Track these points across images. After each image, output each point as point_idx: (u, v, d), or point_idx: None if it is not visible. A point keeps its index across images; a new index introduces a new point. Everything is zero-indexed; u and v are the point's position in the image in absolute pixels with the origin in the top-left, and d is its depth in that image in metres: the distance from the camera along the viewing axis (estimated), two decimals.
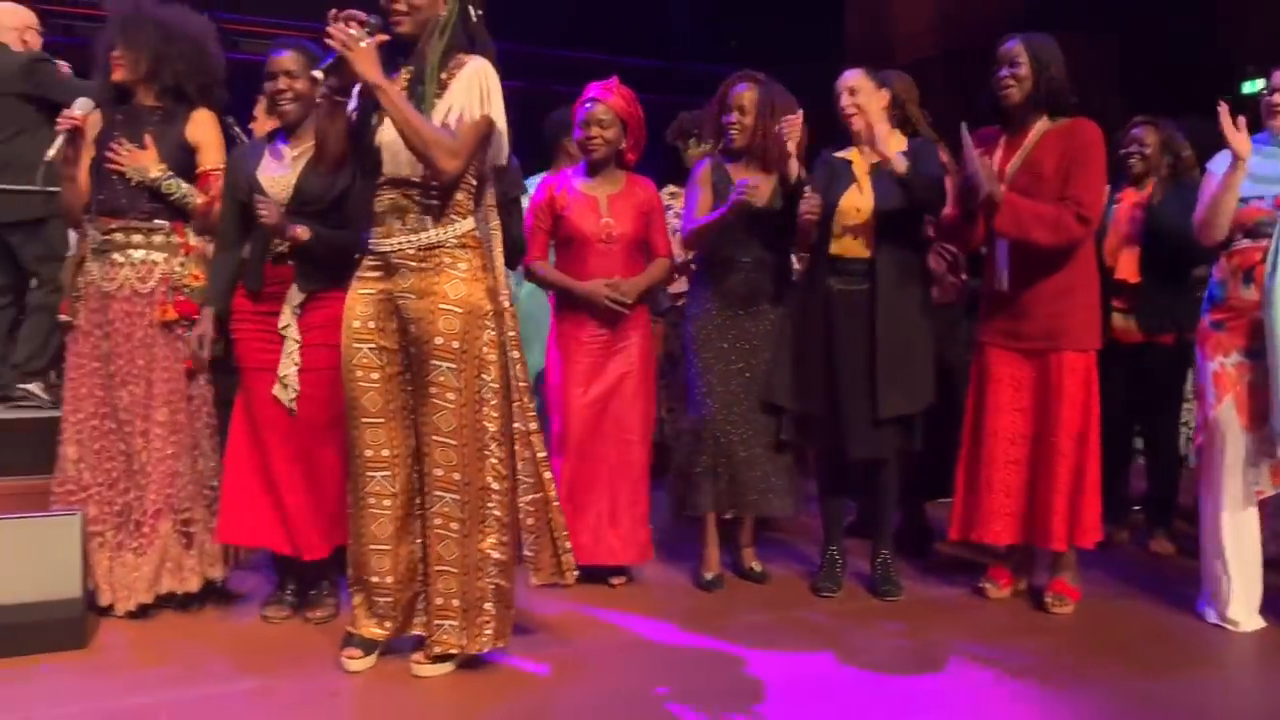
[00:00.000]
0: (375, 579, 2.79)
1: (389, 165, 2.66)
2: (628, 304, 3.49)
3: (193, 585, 3.22)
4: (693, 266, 3.81)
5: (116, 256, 3.14)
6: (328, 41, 2.50)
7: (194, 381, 3.20)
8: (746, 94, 3.51)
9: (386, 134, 2.63)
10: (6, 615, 2.89)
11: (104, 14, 3.30)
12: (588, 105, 3.51)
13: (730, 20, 9.46)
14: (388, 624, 2.82)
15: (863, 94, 3.41)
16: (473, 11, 2.70)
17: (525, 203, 3.69)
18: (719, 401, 3.52)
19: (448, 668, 2.77)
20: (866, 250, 3.42)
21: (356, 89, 2.68)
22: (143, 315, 3.13)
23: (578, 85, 3.63)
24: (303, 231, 3.01)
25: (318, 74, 2.54)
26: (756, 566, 3.73)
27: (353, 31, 2.50)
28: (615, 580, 3.60)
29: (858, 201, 3.41)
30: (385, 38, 2.58)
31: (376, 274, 2.72)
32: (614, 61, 4.77)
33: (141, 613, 3.16)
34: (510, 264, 3.18)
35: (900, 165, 3.29)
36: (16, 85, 4.16)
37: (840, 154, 3.52)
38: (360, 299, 2.74)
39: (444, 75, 2.65)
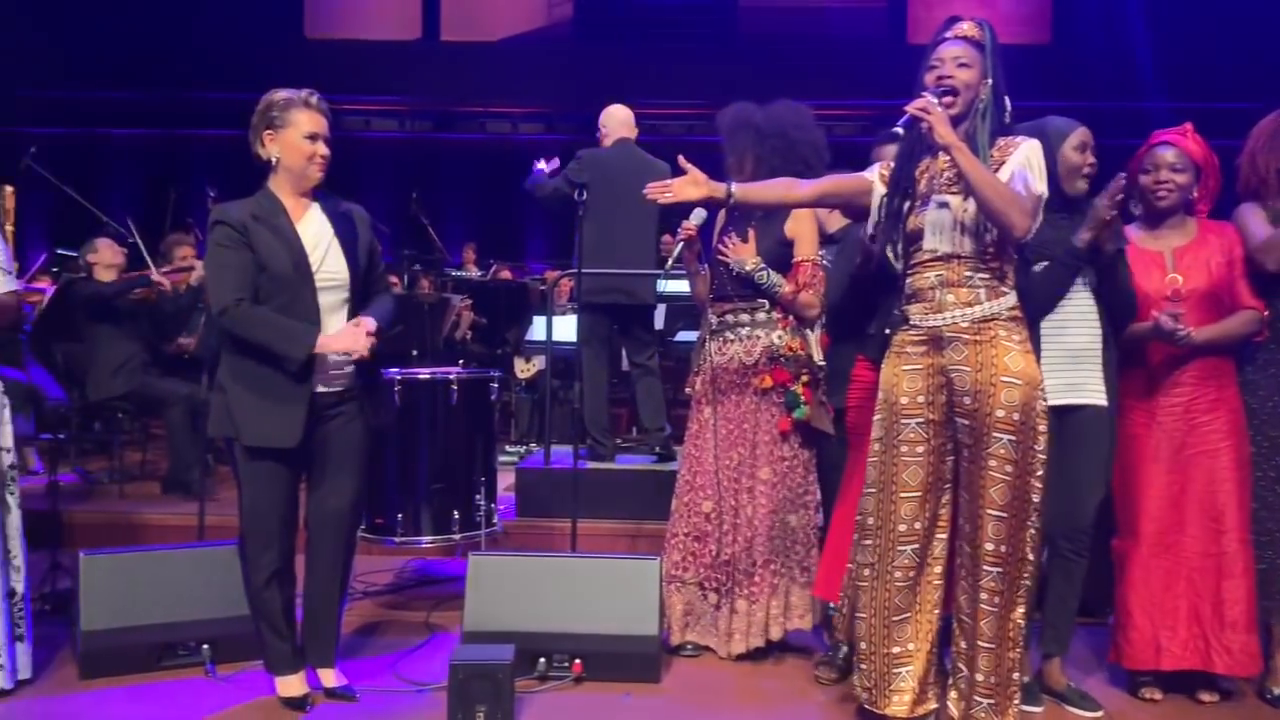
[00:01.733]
0: (898, 649, 2.77)
1: (932, 242, 2.70)
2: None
3: (775, 634, 3.39)
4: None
5: (729, 335, 3.45)
6: (907, 108, 2.60)
7: (788, 443, 3.38)
8: None
9: (931, 214, 2.70)
10: (595, 644, 3.25)
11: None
12: (1158, 149, 3.12)
13: None
14: (906, 696, 2.78)
15: None
16: (1008, 101, 2.71)
17: None
18: None
19: None
20: None
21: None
22: (747, 384, 3.39)
23: None
24: None
25: (898, 130, 2.66)
26: None
27: (933, 98, 2.62)
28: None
29: None
30: (953, 101, 2.66)
31: (921, 348, 2.74)
32: None
33: (748, 656, 3.37)
34: None
35: None
36: (631, 181, 4.79)
37: None
38: (905, 375, 2.76)
39: (994, 153, 2.67)
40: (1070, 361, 2.97)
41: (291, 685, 3.01)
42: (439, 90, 12.36)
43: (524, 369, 7.46)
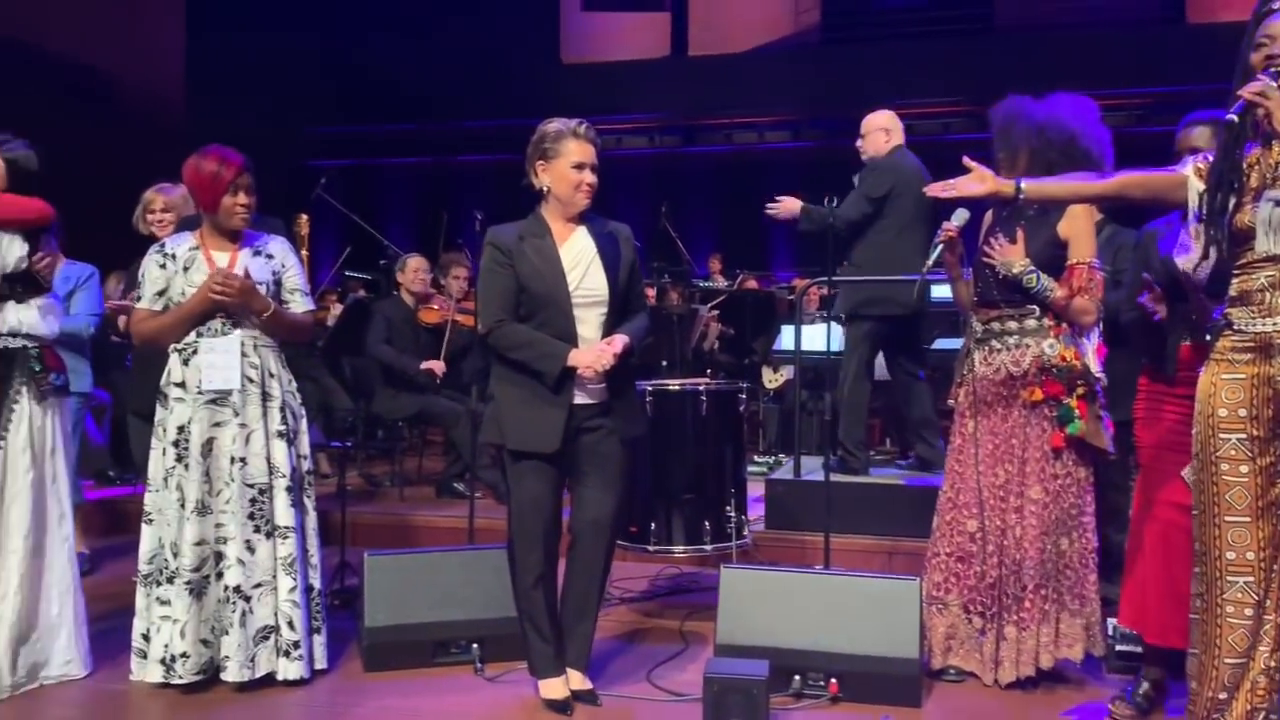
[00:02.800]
0: (1224, 694, 2.46)
1: (1265, 242, 2.42)
2: None
3: (1045, 663, 3.20)
4: None
5: (995, 344, 3.27)
6: (1240, 93, 2.36)
7: (1060, 461, 3.18)
8: None
9: (1264, 211, 2.41)
10: (851, 664, 3.17)
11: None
12: None
13: None
14: None
15: None
16: None
17: None
18: None
19: None
20: None
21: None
22: (1015, 396, 3.21)
23: None
24: None
25: (1232, 118, 2.37)
26: None
27: (1271, 82, 2.35)
28: None
29: None
30: None
31: (1247, 356, 2.46)
32: None
33: (1016, 685, 3.21)
34: None
35: None
36: (916, 186, 4.62)
37: None
38: (1226, 384, 2.48)
39: None
40: None
41: (554, 688, 3.10)
42: (686, 105, 12.57)
43: (771, 379, 7.42)
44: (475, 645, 3.45)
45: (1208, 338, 2.62)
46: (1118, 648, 3.33)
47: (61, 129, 3.47)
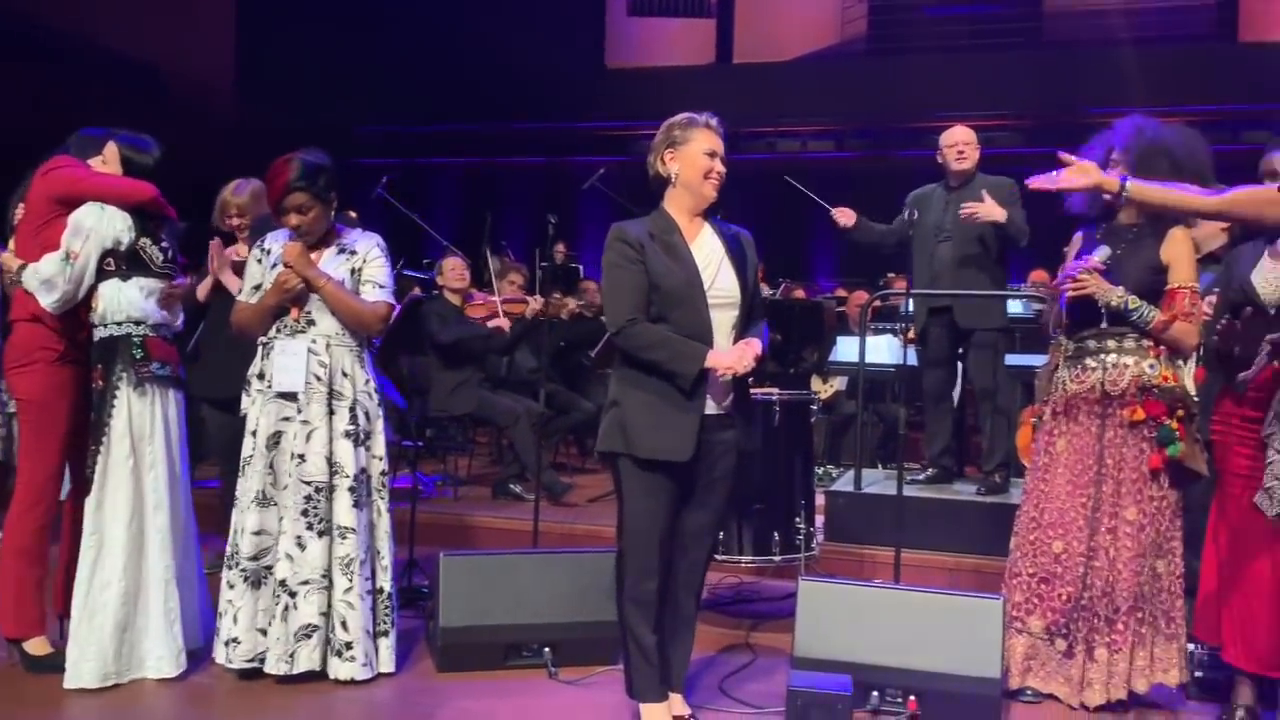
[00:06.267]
0: None
1: None
2: None
3: (1140, 687, 3.17)
4: None
5: (1089, 362, 3.22)
6: None
7: (1157, 482, 3.16)
8: None
9: None
10: (930, 681, 3.14)
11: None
12: None
13: None
14: None
15: None
16: None
17: None
18: None
19: None
20: None
21: None
22: (1110, 415, 3.18)
23: None
24: None
25: None
26: None
27: None
28: None
29: None
30: None
31: None
32: None
33: (1106, 709, 3.18)
34: None
35: None
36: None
37: None
38: None
39: None
40: None
41: (657, 714, 2.91)
42: (730, 112, 12.53)
43: (823, 389, 7.40)
44: (547, 649, 3.46)
45: None
46: (1196, 674, 3.30)
47: (119, 124, 3.50)
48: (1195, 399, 3.16)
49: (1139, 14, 11.52)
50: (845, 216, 5.00)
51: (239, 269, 4.09)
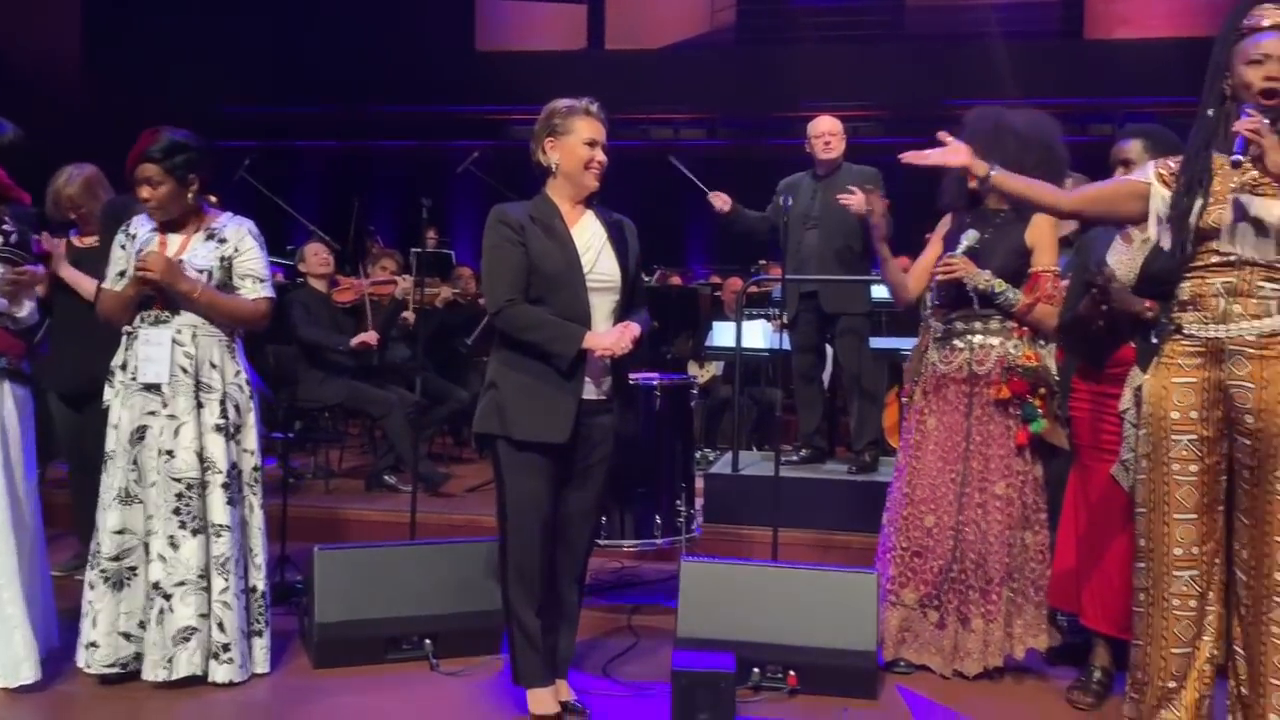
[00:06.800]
0: (1173, 683, 2.61)
1: (1229, 245, 2.51)
2: None
3: (1018, 653, 3.30)
4: None
5: (957, 343, 3.34)
6: (1238, 128, 2.39)
7: (1022, 458, 3.29)
8: None
9: (1230, 214, 2.50)
10: (808, 656, 3.21)
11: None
12: None
13: None
14: None
15: None
16: None
17: None
18: None
19: None
20: None
21: None
22: (977, 394, 3.30)
23: None
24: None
25: (1240, 158, 2.38)
26: None
27: (1264, 120, 2.41)
28: None
29: None
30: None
31: (1197, 360, 2.58)
32: None
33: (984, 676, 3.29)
34: None
35: None
36: None
37: None
38: (1176, 387, 2.60)
39: None
40: None
41: (544, 700, 2.90)
42: (604, 98, 12.53)
43: (700, 374, 7.48)
44: (428, 641, 3.40)
45: (1154, 339, 2.74)
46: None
47: None
48: (1056, 378, 3.31)
49: (993, 9, 12.00)
50: (721, 201, 5.07)
51: (85, 257, 3.91)
